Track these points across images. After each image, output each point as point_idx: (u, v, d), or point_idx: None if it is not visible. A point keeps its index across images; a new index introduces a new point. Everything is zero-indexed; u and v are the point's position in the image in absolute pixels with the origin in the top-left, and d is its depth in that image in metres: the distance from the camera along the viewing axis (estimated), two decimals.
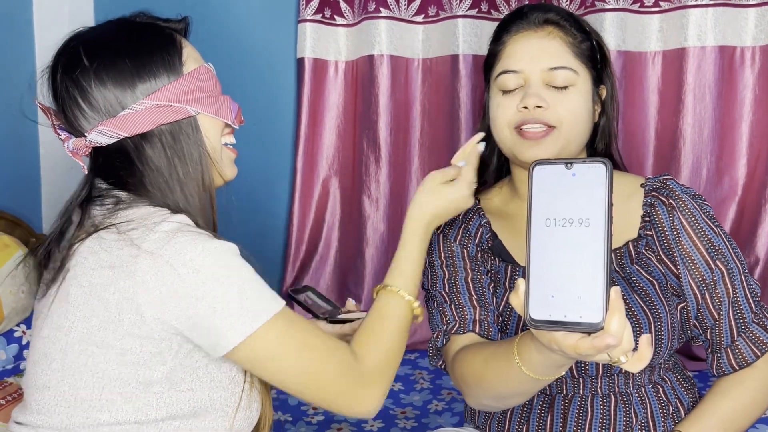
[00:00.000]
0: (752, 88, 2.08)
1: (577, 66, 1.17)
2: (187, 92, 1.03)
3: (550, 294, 0.77)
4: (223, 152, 1.09)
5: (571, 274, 0.76)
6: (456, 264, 1.26)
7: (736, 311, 1.17)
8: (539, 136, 1.15)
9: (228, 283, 0.94)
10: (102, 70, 1.00)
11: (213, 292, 0.93)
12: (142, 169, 1.02)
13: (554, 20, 1.18)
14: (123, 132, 1.00)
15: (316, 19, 2.35)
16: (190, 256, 0.93)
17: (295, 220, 2.42)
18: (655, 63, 2.14)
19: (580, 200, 0.77)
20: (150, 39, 1.04)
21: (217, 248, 0.95)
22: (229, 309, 0.94)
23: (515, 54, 1.18)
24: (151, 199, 1.02)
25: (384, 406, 2.03)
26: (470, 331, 1.20)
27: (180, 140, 1.03)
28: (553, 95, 1.15)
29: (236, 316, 0.94)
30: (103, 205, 1.02)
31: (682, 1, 2.08)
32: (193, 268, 0.93)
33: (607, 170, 0.76)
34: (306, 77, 2.36)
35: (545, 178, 0.79)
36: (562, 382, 1.21)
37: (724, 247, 1.19)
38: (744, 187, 2.12)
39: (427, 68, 2.34)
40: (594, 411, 1.19)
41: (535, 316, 0.77)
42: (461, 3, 2.25)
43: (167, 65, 1.02)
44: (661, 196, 1.20)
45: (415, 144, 2.36)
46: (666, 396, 1.21)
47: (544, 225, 0.78)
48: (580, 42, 1.18)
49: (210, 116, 1.05)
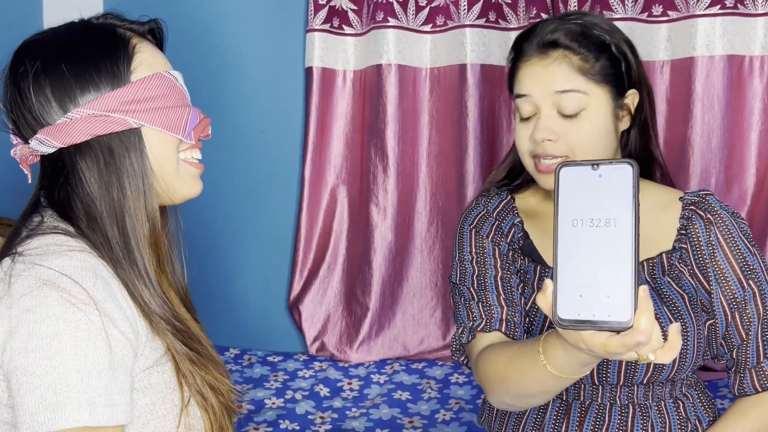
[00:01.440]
0: (761, 98, 2.08)
1: (589, 87, 1.15)
2: (132, 102, 0.94)
3: (578, 294, 0.77)
4: (180, 167, 1.00)
5: (599, 274, 0.77)
6: (487, 261, 1.25)
7: (765, 333, 1.16)
8: (553, 169, 1.15)
9: (50, 368, 0.83)
10: (40, 75, 0.93)
11: (33, 368, 0.83)
12: (74, 183, 0.94)
13: (562, 43, 1.16)
14: (57, 142, 0.93)
15: (324, 29, 2.35)
16: (32, 325, 0.84)
17: (302, 228, 2.42)
18: (663, 72, 2.13)
19: (607, 201, 0.78)
20: (96, 43, 0.96)
21: (63, 326, 0.84)
22: (34, 395, 0.83)
23: (525, 79, 1.18)
24: (71, 221, 0.94)
25: (391, 415, 2.02)
26: (496, 329, 1.19)
27: (118, 155, 0.94)
28: (563, 125, 1.15)
29: (38, 405, 0.83)
30: (29, 226, 0.95)
31: (691, 11, 2.08)
32: (27, 334, 0.84)
33: (633, 171, 0.77)
34: (314, 86, 2.36)
35: (572, 179, 0.80)
36: (580, 388, 1.20)
37: (759, 267, 1.18)
38: (753, 197, 2.11)
39: (435, 77, 2.34)
40: (611, 420, 1.18)
41: (563, 316, 0.78)
42: (469, 13, 2.26)
43: (110, 72, 0.94)
44: (699, 210, 1.20)
45: (423, 153, 2.36)
46: (686, 413, 1.20)
47: (571, 225, 0.79)
48: (594, 60, 1.15)
49: (156, 129, 0.96)
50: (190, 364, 0.97)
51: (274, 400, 2.12)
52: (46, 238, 0.92)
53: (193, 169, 1.02)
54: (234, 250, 2.52)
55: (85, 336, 0.85)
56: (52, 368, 0.83)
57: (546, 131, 1.15)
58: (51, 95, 0.93)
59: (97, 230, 0.94)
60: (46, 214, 0.96)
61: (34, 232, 0.93)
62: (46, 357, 0.83)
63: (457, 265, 1.27)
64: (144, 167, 0.95)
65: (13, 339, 0.85)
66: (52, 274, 0.86)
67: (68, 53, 0.95)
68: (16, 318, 0.85)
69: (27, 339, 0.84)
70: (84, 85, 0.93)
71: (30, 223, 0.95)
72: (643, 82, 1.22)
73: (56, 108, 0.93)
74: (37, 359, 0.83)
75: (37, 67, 0.93)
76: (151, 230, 0.97)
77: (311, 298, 2.44)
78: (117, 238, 0.94)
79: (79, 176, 0.94)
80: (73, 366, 0.84)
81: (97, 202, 0.94)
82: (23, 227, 0.96)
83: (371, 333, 2.38)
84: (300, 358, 2.37)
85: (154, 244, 0.98)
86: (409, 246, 2.37)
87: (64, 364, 0.84)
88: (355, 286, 2.43)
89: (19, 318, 0.84)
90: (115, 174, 0.94)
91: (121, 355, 0.88)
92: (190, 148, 1.01)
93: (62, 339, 0.84)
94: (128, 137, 0.94)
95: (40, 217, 0.95)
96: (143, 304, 0.94)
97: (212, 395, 0.99)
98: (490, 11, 2.26)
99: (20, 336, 0.84)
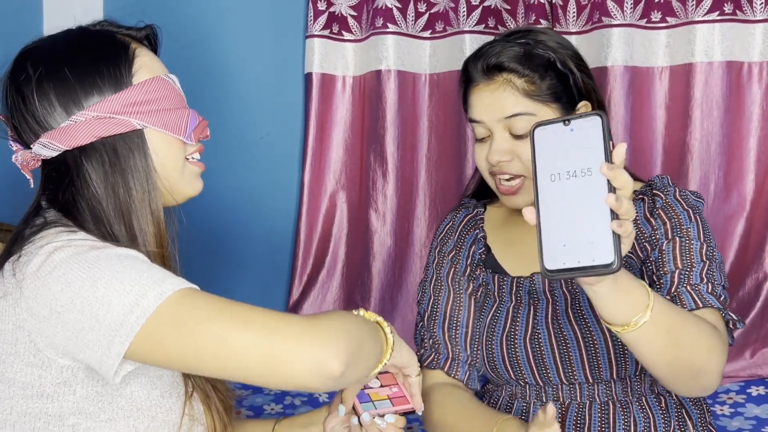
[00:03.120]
0: (760, 104, 2.08)
1: (537, 108, 1.18)
2: (134, 104, 0.96)
3: (561, 243, 0.80)
4: (185, 168, 1.03)
5: (580, 222, 0.79)
6: (442, 289, 1.32)
7: (687, 269, 1.15)
8: (513, 190, 1.22)
9: (103, 284, 0.84)
10: (44, 80, 0.95)
11: (90, 300, 0.84)
12: (79, 185, 0.96)
13: (506, 67, 1.18)
14: (62, 144, 0.95)
15: (324, 35, 2.36)
16: (63, 270, 0.85)
17: (302, 234, 2.42)
18: (662, 78, 2.14)
19: (581, 152, 0.81)
20: (98, 48, 0.98)
21: (91, 255, 0.86)
22: (110, 309, 0.83)
23: (475, 105, 1.22)
24: (76, 222, 0.95)
25: None
26: (440, 368, 1.28)
27: (123, 155, 0.96)
28: (517, 145, 1.19)
29: (120, 310, 0.83)
30: (32, 228, 0.96)
31: (689, 17, 2.08)
32: (65, 282, 0.85)
33: (603, 120, 0.80)
34: (314, 92, 2.36)
35: (546, 138, 0.84)
36: (558, 389, 1.22)
37: (691, 227, 1.18)
38: (752, 203, 2.11)
39: (435, 83, 2.34)
40: (592, 418, 1.20)
41: (550, 267, 0.80)
42: (468, 19, 2.26)
43: (113, 75, 0.97)
44: (644, 195, 1.24)
45: (422, 158, 2.36)
46: (668, 408, 1.21)
47: (550, 180, 0.82)
48: (540, 80, 1.18)
49: (158, 130, 0.98)
50: None
51: (273, 405, 2.11)
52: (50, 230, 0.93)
53: (196, 168, 1.05)
54: (233, 255, 2.52)
55: (118, 251, 0.88)
56: (106, 283, 0.84)
57: (500, 153, 1.20)
58: (55, 99, 0.95)
59: (104, 230, 0.95)
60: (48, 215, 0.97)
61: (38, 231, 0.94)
62: (97, 276, 0.84)
63: (420, 287, 1.36)
64: (148, 167, 0.97)
65: (54, 300, 0.84)
66: (61, 242, 0.88)
67: (71, 58, 0.97)
68: (45, 287, 0.85)
69: (68, 286, 0.84)
70: (87, 88, 0.96)
71: (32, 226, 0.96)
72: (594, 92, 1.25)
73: (60, 111, 0.95)
74: (90, 290, 0.83)
75: (41, 72, 0.95)
76: (156, 229, 0.99)
77: (310, 304, 2.44)
78: (124, 238, 0.95)
79: (84, 178, 0.96)
80: (128, 264, 0.86)
81: (103, 203, 0.96)
82: (26, 230, 0.96)
83: None
84: None
85: (159, 244, 0.99)
86: (409, 252, 2.37)
87: (122, 268, 0.85)
88: (354, 291, 2.43)
89: (49, 281, 0.85)
90: (120, 174, 0.96)
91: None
92: (194, 151, 1.04)
93: (100, 261, 0.85)
94: (131, 138, 0.97)
95: (43, 219, 0.96)
96: None
97: (214, 393, 1.01)
98: (490, 17, 2.26)
99: (60, 292, 0.84)
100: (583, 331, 1.20)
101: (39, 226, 0.95)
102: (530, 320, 1.24)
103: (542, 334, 1.23)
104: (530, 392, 1.26)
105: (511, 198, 1.23)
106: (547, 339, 1.22)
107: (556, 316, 1.23)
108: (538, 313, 1.24)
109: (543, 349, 1.22)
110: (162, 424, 0.94)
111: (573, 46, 1.27)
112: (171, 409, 0.95)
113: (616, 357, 1.17)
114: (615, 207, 0.78)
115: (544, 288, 1.26)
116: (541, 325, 1.23)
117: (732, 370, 2.08)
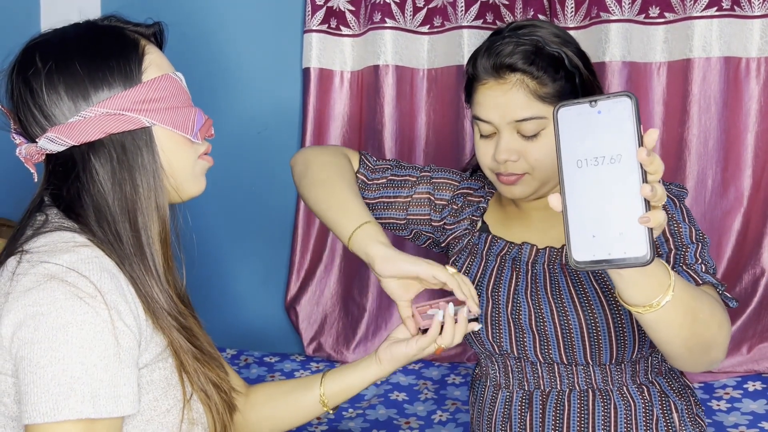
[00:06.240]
0: (758, 99, 2.08)
1: (547, 110, 1.18)
2: (144, 101, 0.96)
3: (591, 234, 0.76)
4: (197, 164, 1.03)
5: (610, 212, 0.76)
6: (411, 189, 1.40)
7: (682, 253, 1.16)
8: (513, 180, 1.22)
9: (55, 359, 0.85)
10: (54, 74, 0.95)
11: (38, 359, 0.84)
12: (85, 181, 0.95)
13: (519, 68, 1.17)
14: (70, 140, 0.94)
15: (322, 30, 2.35)
16: (36, 323, 0.85)
17: (299, 229, 2.42)
18: (660, 74, 2.14)
19: (609, 136, 0.76)
20: (108, 44, 0.98)
21: (68, 331, 0.85)
22: (37, 386, 0.84)
23: (484, 104, 1.21)
24: (79, 218, 0.95)
25: (388, 416, 2.02)
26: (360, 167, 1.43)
27: (131, 152, 0.96)
28: (524, 144, 1.19)
29: (41, 396, 0.84)
30: (33, 225, 0.96)
31: (687, 13, 2.08)
32: (33, 330, 0.85)
33: (632, 102, 0.75)
34: (311, 87, 2.36)
35: (571, 120, 0.78)
36: (539, 377, 1.25)
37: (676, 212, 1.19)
38: (749, 198, 2.12)
39: (433, 78, 2.34)
40: (571, 405, 1.22)
41: (579, 259, 0.77)
42: (466, 14, 2.26)
43: (123, 72, 0.96)
44: None
45: (420, 153, 2.36)
46: (651, 398, 1.22)
47: (576, 167, 0.78)
48: (551, 81, 1.18)
49: (166, 128, 0.98)
50: (194, 361, 0.99)
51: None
52: (53, 236, 0.93)
53: (206, 163, 1.05)
54: (231, 251, 2.52)
55: (91, 329, 0.86)
56: (57, 360, 0.84)
57: (508, 153, 1.19)
58: (64, 93, 0.95)
59: (107, 227, 0.95)
60: (50, 212, 0.97)
61: (40, 231, 0.94)
62: (51, 348, 0.84)
63: (415, 166, 1.43)
64: (155, 165, 0.98)
65: (21, 330, 0.86)
66: (58, 269, 0.87)
67: (81, 52, 0.96)
68: (24, 311, 0.86)
69: (33, 330, 0.85)
70: (98, 83, 0.95)
71: (34, 222, 0.96)
72: (598, 90, 1.26)
73: (69, 105, 0.95)
74: (43, 350, 0.84)
75: (51, 66, 0.95)
76: (161, 227, 0.99)
77: (308, 299, 2.44)
78: (128, 235, 0.96)
79: (91, 174, 0.95)
80: (77, 358, 0.85)
81: (108, 199, 0.96)
82: (27, 226, 0.96)
83: (368, 334, 2.39)
84: (297, 358, 2.37)
85: (162, 242, 1.00)
86: (406, 246, 2.37)
87: (69, 356, 0.85)
88: (352, 286, 2.44)
89: (27, 311, 0.86)
90: (128, 171, 0.96)
91: (127, 347, 0.89)
92: (206, 151, 1.05)
93: (68, 331, 0.85)
94: (140, 135, 0.97)
95: (45, 216, 0.96)
96: (150, 300, 0.95)
97: (215, 392, 1.01)
98: (488, 12, 2.26)
99: (27, 327, 0.85)
100: (558, 311, 1.21)
101: (41, 224, 0.95)
102: (511, 288, 1.26)
103: (522, 305, 1.25)
104: (513, 380, 1.28)
105: (510, 188, 1.23)
106: (526, 312, 1.24)
107: (536, 291, 1.25)
108: (519, 284, 1.26)
109: (522, 321, 1.24)
110: (159, 426, 0.94)
111: (575, 40, 1.27)
112: (168, 412, 0.95)
113: (590, 340, 1.19)
114: (649, 196, 0.75)
115: (528, 260, 1.27)
116: (521, 296, 1.25)
117: (729, 366, 2.09)
